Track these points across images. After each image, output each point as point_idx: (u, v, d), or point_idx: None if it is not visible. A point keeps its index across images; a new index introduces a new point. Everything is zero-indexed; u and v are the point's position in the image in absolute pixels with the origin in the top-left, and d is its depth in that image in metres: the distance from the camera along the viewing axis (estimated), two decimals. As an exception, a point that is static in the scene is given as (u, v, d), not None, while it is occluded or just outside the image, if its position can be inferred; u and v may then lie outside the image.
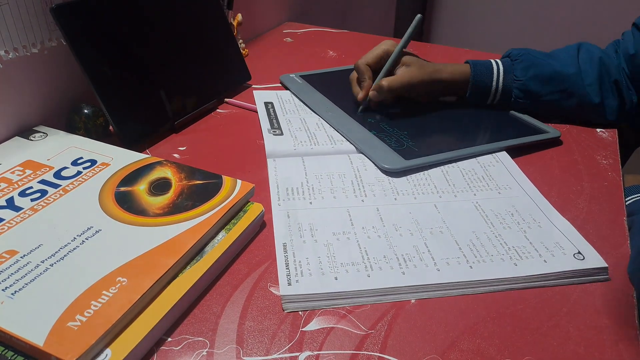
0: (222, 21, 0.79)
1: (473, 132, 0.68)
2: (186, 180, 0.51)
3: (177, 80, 0.70)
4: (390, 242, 0.48)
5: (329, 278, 0.44)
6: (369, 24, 1.68)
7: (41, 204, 0.47)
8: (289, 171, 0.58)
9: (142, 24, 0.66)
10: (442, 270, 0.45)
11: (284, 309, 0.41)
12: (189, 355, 0.38)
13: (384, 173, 0.58)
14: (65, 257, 0.41)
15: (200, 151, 0.63)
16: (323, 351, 0.38)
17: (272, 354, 0.38)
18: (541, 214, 0.53)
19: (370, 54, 0.72)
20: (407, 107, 0.73)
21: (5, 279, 0.38)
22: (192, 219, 0.45)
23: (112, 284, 0.38)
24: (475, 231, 0.50)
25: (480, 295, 0.44)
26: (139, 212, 0.46)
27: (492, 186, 0.57)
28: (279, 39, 1.04)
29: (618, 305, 0.43)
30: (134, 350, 0.35)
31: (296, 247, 0.47)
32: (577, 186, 0.58)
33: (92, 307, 0.36)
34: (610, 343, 0.40)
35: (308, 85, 0.79)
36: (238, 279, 0.44)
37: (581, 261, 0.46)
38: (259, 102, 0.74)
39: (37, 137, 0.59)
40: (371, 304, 0.42)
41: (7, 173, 0.51)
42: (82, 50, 0.59)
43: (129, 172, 0.52)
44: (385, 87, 0.69)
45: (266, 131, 0.66)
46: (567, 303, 0.43)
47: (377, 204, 0.53)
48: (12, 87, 0.59)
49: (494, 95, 0.72)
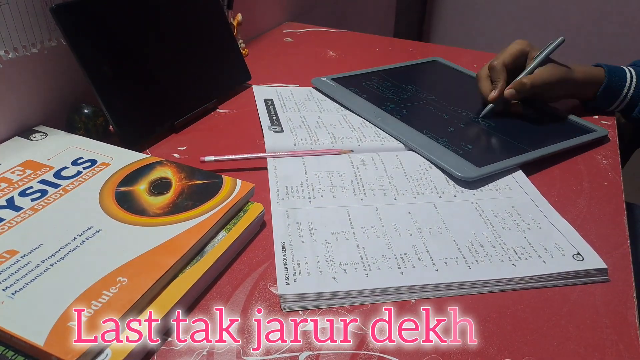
0: (222, 21, 0.79)
1: (530, 135, 0.67)
2: (186, 180, 0.51)
3: (177, 80, 0.70)
4: (389, 242, 0.48)
5: (328, 278, 0.44)
6: (369, 24, 1.68)
7: (41, 204, 0.47)
8: (288, 170, 0.58)
9: (142, 24, 0.66)
10: (440, 271, 0.45)
11: (282, 308, 0.42)
12: (189, 354, 0.38)
13: (455, 181, 0.57)
14: (65, 257, 0.41)
15: (200, 151, 0.63)
16: (323, 351, 0.38)
17: (273, 353, 0.38)
18: (541, 214, 0.53)
19: (506, 54, 0.71)
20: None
21: (6, 278, 0.38)
22: (192, 219, 0.45)
23: (112, 283, 0.38)
24: (475, 231, 0.50)
25: (480, 295, 0.44)
26: (139, 212, 0.46)
27: (491, 186, 0.57)
28: (279, 39, 1.04)
29: (618, 305, 0.43)
30: (134, 350, 0.35)
31: (295, 246, 0.47)
32: (576, 186, 0.58)
33: (92, 307, 0.36)
34: (610, 343, 0.40)
35: (344, 88, 0.77)
36: (238, 278, 0.45)
37: (580, 262, 0.46)
38: (259, 98, 0.75)
39: (37, 137, 0.59)
40: (371, 304, 0.42)
41: (7, 173, 0.51)
42: (82, 50, 0.59)
43: (129, 172, 0.52)
44: (528, 84, 0.68)
45: (266, 128, 0.66)
46: (567, 303, 0.43)
47: (376, 203, 0.54)
48: (12, 87, 0.59)
49: (620, 102, 0.72)
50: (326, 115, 0.71)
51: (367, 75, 0.84)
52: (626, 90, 0.70)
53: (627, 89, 0.70)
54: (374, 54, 0.97)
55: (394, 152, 0.62)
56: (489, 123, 0.69)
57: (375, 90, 0.78)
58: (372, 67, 0.87)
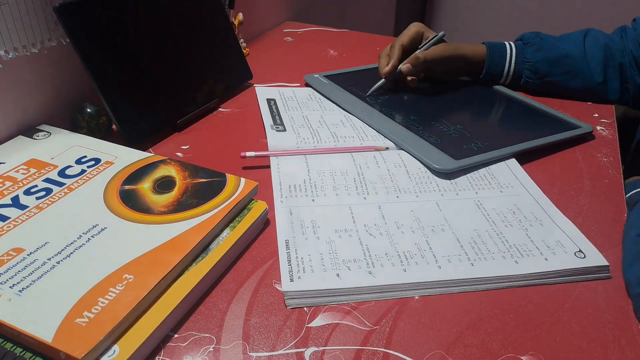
0: (223, 20, 0.79)
1: (511, 129, 0.69)
2: (190, 178, 0.51)
3: (179, 79, 0.70)
4: (392, 239, 0.49)
5: (331, 275, 0.44)
6: (369, 23, 1.68)
7: (46, 202, 0.47)
8: (291, 168, 0.58)
9: (144, 23, 0.67)
10: (443, 268, 0.45)
11: (286, 305, 0.42)
12: (195, 351, 0.38)
13: (434, 173, 0.59)
14: (71, 254, 0.41)
15: (203, 150, 0.63)
16: (329, 347, 0.38)
17: (278, 349, 0.38)
18: (543, 212, 0.53)
19: (404, 35, 0.77)
20: (430, 101, 0.75)
21: (13, 276, 0.39)
22: (197, 217, 0.46)
23: (118, 281, 0.39)
24: (477, 229, 0.50)
25: (483, 291, 0.44)
26: (144, 210, 0.46)
27: (494, 184, 0.57)
28: (279, 38, 1.04)
29: (620, 301, 0.43)
30: (141, 346, 0.36)
31: (298, 243, 0.47)
32: (577, 184, 0.59)
33: (99, 304, 0.37)
34: (613, 338, 0.40)
35: (335, 85, 0.79)
36: (243, 275, 0.45)
37: (582, 259, 0.47)
38: (261, 98, 0.75)
39: (40, 136, 0.59)
40: (375, 301, 0.43)
41: (12, 172, 0.52)
42: (85, 49, 0.59)
43: (133, 170, 0.52)
44: (422, 58, 0.74)
45: (269, 127, 0.67)
46: (569, 299, 0.44)
47: (379, 201, 0.54)
48: (13, 87, 0.59)
49: (506, 76, 0.78)
50: (328, 115, 0.71)
51: (360, 72, 0.85)
52: (507, 65, 0.77)
53: (509, 63, 0.77)
54: (374, 53, 0.97)
55: (396, 151, 0.63)
56: (468, 114, 0.72)
57: (365, 86, 0.78)
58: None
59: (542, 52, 0.76)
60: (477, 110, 0.74)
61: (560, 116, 0.71)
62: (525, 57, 0.76)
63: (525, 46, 0.77)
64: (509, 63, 0.77)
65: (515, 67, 0.77)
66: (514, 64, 0.77)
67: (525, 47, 0.77)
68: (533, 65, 0.76)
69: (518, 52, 0.77)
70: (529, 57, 0.76)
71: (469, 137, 0.65)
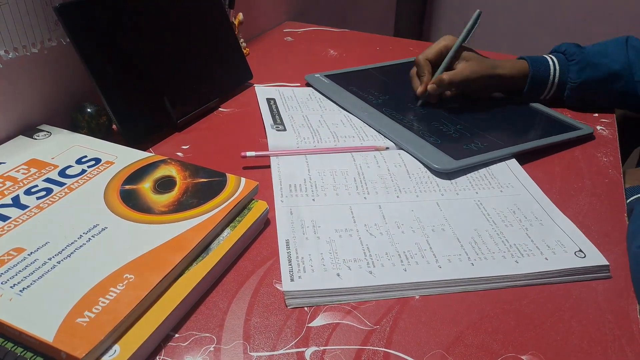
0: (223, 20, 0.79)
1: (511, 130, 0.68)
2: (190, 178, 0.51)
3: (179, 79, 0.70)
4: (392, 239, 0.49)
5: (332, 274, 0.44)
6: (369, 23, 1.68)
7: (47, 202, 0.47)
8: (291, 168, 0.58)
9: (144, 23, 0.67)
10: (443, 267, 0.45)
11: (287, 305, 0.42)
12: (196, 351, 0.38)
13: (434, 173, 0.59)
14: (72, 254, 0.41)
15: (203, 150, 0.64)
16: (329, 347, 0.39)
17: (279, 349, 0.38)
18: (543, 211, 0.53)
19: (430, 49, 0.74)
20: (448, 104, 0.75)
21: (13, 276, 0.39)
22: (197, 217, 0.46)
23: (119, 280, 0.39)
24: (477, 229, 0.50)
25: (484, 291, 0.44)
26: (145, 210, 0.46)
27: (494, 184, 0.57)
28: (279, 38, 1.04)
29: (620, 301, 0.43)
30: (141, 346, 0.36)
31: (299, 243, 0.48)
32: (577, 183, 0.59)
33: (100, 303, 0.37)
34: (613, 338, 0.40)
35: (335, 85, 0.79)
36: (244, 275, 0.45)
37: (582, 259, 0.47)
38: (261, 98, 0.75)
39: (40, 135, 0.59)
40: (376, 300, 0.43)
41: (12, 172, 0.52)
42: (86, 49, 0.59)
43: (133, 170, 0.52)
44: (446, 80, 0.71)
45: (269, 126, 0.67)
46: (569, 299, 0.44)
47: (379, 201, 0.54)
48: (13, 87, 0.59)
49: (548, 90, 0.74)
50: (328, 115, 0.71)
51: (360, 72, 0.85)
52: (552, 80, 0.73)
53: (552, 77, 0.73)
54: (374, 53, 0.97)
55: (396, 151, 0.63)
56: (470, 116, 0.71)
57: (365, 86, 0.78)
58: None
59: (587, 72, 0.71)
60: (477, 110, 0.74)
61: (561, 117, 0.71)
62: (570, 76, 0.72)
63: (570, 63, 0.72)
64: (552, 78, 0.73)
65: (558, 86, 0.73)
66: (558, 79, 0.73)
67: (570, 64, 0.72)
68: (578, 86, 0.72)
69: (562, 67, 0.72)
70: (573, 78, 0.72)
71: (469, 138, 0.65)
